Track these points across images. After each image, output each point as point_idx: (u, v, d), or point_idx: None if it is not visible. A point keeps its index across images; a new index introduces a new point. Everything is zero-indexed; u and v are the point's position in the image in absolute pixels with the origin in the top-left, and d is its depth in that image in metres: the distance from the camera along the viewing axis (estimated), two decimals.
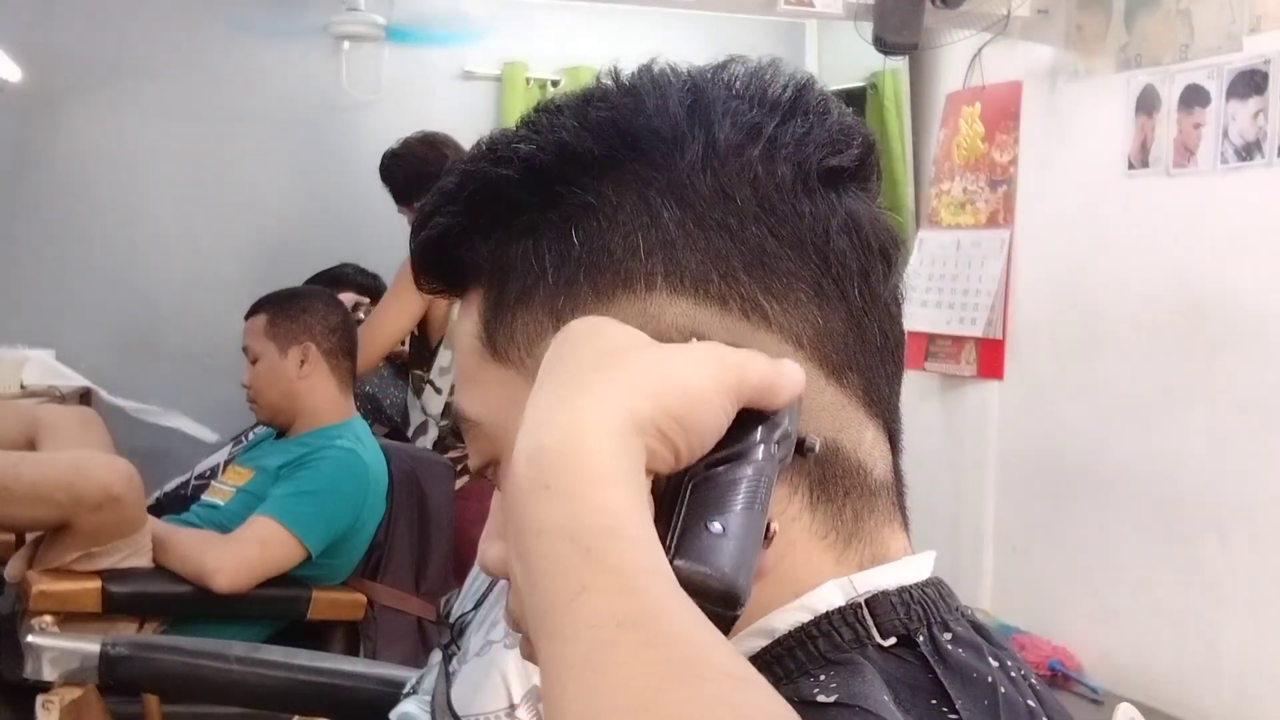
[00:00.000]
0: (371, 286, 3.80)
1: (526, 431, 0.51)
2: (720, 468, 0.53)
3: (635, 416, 0.51)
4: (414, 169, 3.33)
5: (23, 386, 3.61)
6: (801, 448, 0.58)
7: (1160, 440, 3.34)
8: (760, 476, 0.54)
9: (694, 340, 0.57)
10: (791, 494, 0.60)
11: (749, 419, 0.55)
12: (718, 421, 0.53)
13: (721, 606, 0.50)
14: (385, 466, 2.67)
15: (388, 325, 3.27)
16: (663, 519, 0.52)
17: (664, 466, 0.52)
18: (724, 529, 0.51)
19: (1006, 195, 3.92)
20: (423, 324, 3.33)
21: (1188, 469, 3.26)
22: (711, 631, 0.46)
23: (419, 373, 3.40)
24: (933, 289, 4.06)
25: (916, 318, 3.99)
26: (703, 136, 0.60)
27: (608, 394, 0.51)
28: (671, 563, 0.50)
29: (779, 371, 0.56)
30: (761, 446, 0.54)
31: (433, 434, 3.34)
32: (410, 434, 3.44)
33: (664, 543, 0.50)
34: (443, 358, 3.32)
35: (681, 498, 0.53)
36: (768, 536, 0.54)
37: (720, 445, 0.54)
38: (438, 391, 3.33)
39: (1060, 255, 3.72)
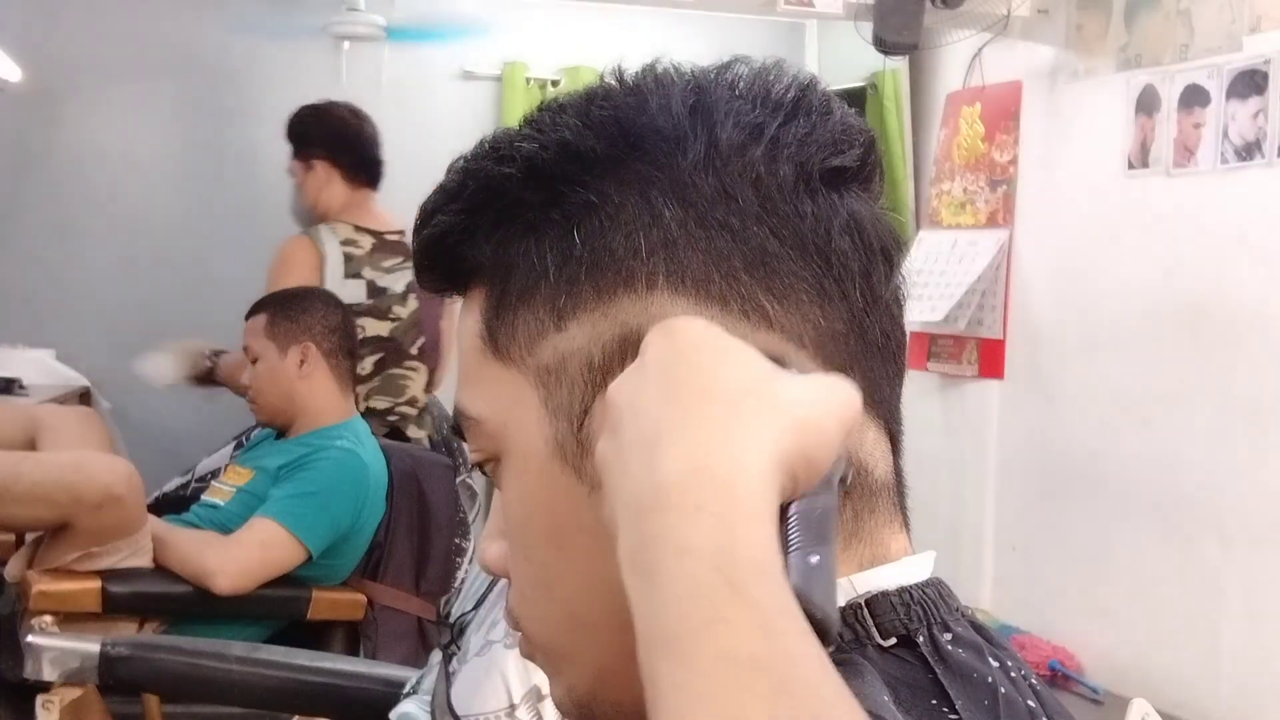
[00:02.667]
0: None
1: (688, 447, 0.49)
2: (809, 498, 0.52)
3: (785, 455, 0.50)
4: (336, 129, 3.41)
5: (22, 386, 3.60)
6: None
7: (1160, 440, 3.34)
8: (835, 505, 0.53)
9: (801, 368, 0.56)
10: None
11: None
12: (833, 458, 0.53)
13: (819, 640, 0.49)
14: (385, 466, 2.67)
15: None
16: None
17: (782, 501, 0.52)
18: (820, 561, 0.50)
19: (1006, 195, 3.92)
20: None
21: (1188, 469, 3.26)
22: (839, 684, 0.45)
23: None
24: (920, 284, 4.06)
25: (910, 314, 3.99)
26: (705, 136, 0.60)
27: (766, 429, 0.50)
28: None
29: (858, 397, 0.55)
30: (834, 475, 0.54)
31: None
32: None
33: None
34: None
35: (785, 528, 0.51)
36: None
37: None
38: None
39: (1060, 255, 3.72)
